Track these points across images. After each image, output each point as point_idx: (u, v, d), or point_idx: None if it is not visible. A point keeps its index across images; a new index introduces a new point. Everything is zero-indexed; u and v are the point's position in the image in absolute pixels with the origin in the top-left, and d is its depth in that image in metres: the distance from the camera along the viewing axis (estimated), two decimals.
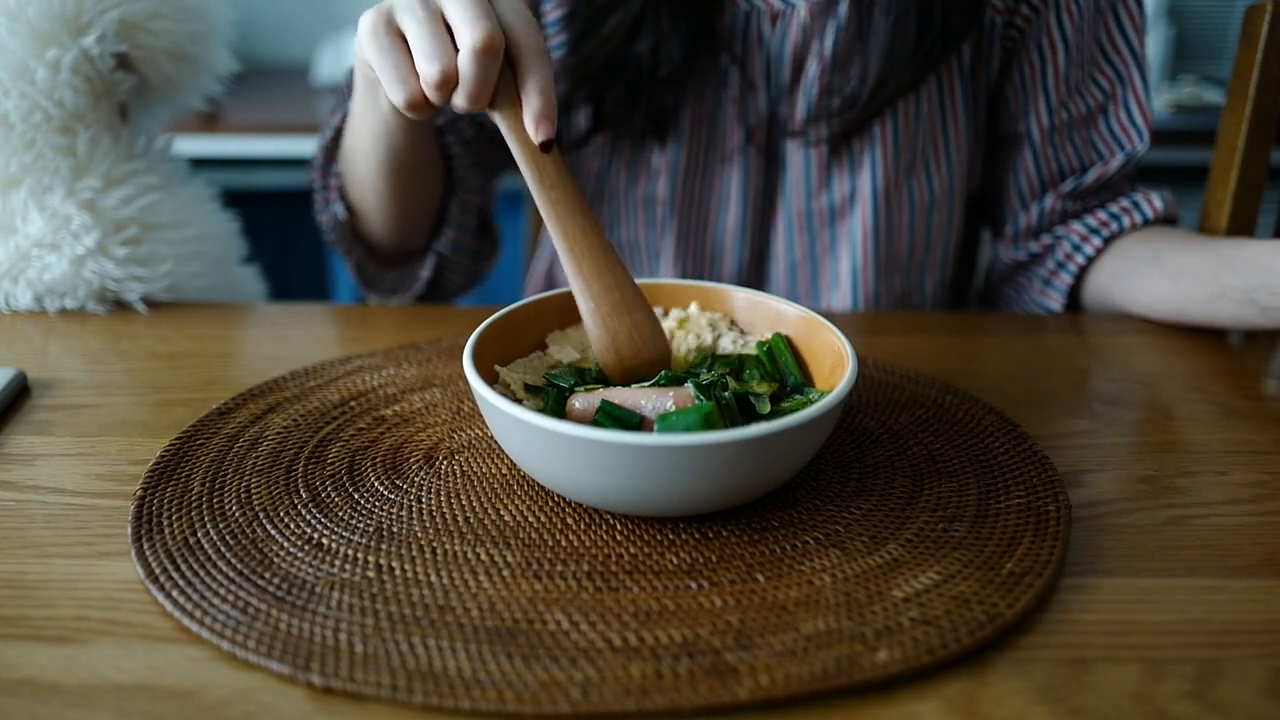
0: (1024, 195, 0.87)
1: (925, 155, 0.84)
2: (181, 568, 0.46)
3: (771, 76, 0.83)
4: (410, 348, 0.69)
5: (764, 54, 0.83)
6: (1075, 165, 0.84)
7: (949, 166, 0.85)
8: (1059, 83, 0.82)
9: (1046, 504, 0.51)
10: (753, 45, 0.83)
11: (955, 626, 0.42)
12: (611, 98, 0.83)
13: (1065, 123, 0.83)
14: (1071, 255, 0.84)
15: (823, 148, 0.84)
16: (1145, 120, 0.83)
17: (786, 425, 0.44)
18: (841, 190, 0.85)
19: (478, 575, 0.46)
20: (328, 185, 0.85)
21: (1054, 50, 0.81)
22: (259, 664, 0.40)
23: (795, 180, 0.86)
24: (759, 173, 0.86)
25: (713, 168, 0.87)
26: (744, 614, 0.43)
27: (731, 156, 0.86)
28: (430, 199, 0.83)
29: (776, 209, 0.88)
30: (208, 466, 0.54)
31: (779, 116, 0.84)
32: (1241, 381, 0.67)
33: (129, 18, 0.74)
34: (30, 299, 0.76)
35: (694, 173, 0.87)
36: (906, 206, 0.85)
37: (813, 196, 0.86)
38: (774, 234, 0.89)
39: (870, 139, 0.83)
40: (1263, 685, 0.40)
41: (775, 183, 0.87)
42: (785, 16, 0.81)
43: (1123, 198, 0.85)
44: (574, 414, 0.51)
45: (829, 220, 0.86)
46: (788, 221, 0.87)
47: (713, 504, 0.48)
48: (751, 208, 0.87)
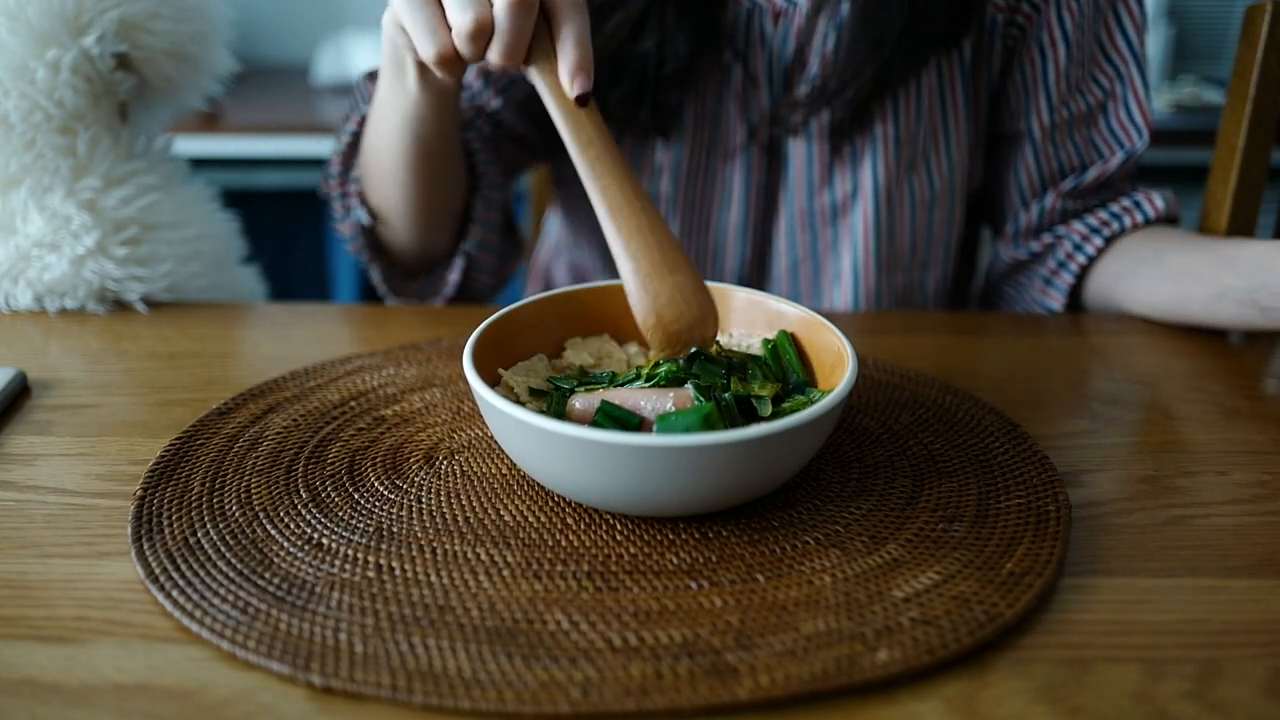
0: (1024, 193, 0.87)
1: (926, 152, 0.84)
2: (181, 568, 0.46)
3: (774, 73, 0.84)
4: (410, 348, 0.69)
5: (766, 51, 0.83)
6: (1075, 163, 0.84)
7: (950, 163, 0.85)
8: (1059, 80, 0.82)
9: (1046, 504, 0.51)
10: (755, 42, 0.83)
11: (955, 626, 0.42)
12: (616, 95, 0.83)
13: (1065, 121, 0.83)
14: (1073, 255, 0.84)
15: (824, 145, 0.84)
16: (1145, 119, 0.83)
17: (786, 426, 0.44)
18: (843, 187, 0.85)
19: (478, 575, 0.46)
20: (346, 192, 0.84)
21: (1055, 48, 0.81)
22: (259, 664, 0.40)
23: (797, 177, 0.86)
24: (761, 169, 0.87)
25: (715, 165, 0.87)
26: (744, 614, 0.43)
27: (734, 154, 0.86)
28: (455, 197, 0.82)
29: (778, 206, 0.88)
30: (208, 466, 0.54)
31: (781, 114, 0.84)
32: (1241, 381, 0.67)
33: (129, 18, 0.74)
34: (30, 299, 0.76)
35: (696, 171, 0.87)
36: (908, 203, 0.85)
37: (815, 194, 0.86)
38: (776, 231, 0.89)
39: (871, 136, 0.83)
40: (1263, 685, 0.40)
41: (777, 180, 0.87)
42: (787, 15, 0.82)
43: (1124, 197, 0.85)
44: (574, 414, 0.51)
45: (831, 217, 0.87)
46: (790, 219, 0.87)
47: (713, 504, 0.47)
48: (754, 205, 0.88)
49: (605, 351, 0.59)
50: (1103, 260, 0.83)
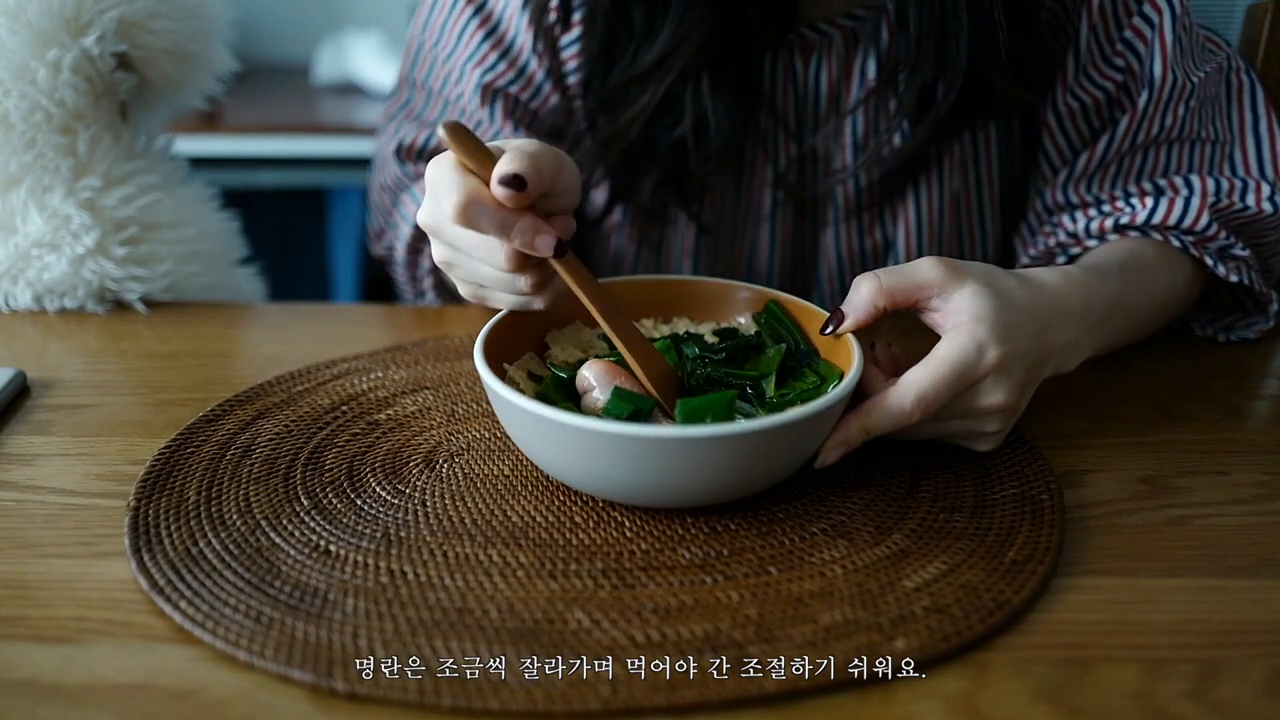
0: (1041, 193, 0.79)
1: (958, 200, 0.78)
2: (186, 578, 0.45)
3: (805, 114, 0.76)
4: (396, 349, 0.69)
5: (795, 90, 0.76)
6: (1087, 136, 0.75)
7: (989, 181, 0.79)
8: (1076, 69, 0.73)
9: (1040, 493, 0.52)
10: (782, 81, 0.75)
11: (967, 614, 0.43)
12: (650, 185, 0.75)
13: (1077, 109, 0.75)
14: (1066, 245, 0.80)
15: (855, 200, 0.78)
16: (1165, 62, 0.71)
17: (811, 411, 0.46)
18: (885, 230, 0.80)
19: (492, 577, 0.46)
20: (416, 277, 0.83)
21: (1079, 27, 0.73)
22: (279, 673, 0.40)
23: (833, 226, 0.80)
24: (789, 217, 0.80)
25: (739, 229, 0.81)
26: (761, 607, 0.44)
27: (761, 221, 0.80)
28: None
29: (817, 250, 0.82)
30: (202, 475, 0.53)
31: (812, 156, 0.78)
32: (1241, 381, 0.67)
33: (129, 17, 0.74)
34: (30, 299, 0.76)
35: (723, 232, 0.81)
36: (954, 235, 0.80)
37: (864, 233, 0.80)
38: (813, 281, 0.83)
39: (907, 187, 0.77)
40: (1263, 685, 0.40)
41: (807, 226, 0.81)
42: (819, 47, 0.74)
43: (1121, 199, 0.80)
44: (583, 383, 0.53)
45: (875, 256, 0.81)
46: (835, 254, 0.82)
47: (734, 492, 0.49)
48: (783, 250, 0.82)
49: (586, 341, 0.60)
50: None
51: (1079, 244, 0.72)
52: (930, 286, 0.52)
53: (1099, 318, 0.59)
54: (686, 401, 0.50)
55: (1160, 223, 0.68)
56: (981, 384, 0.52)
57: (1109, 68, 0.72)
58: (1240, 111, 0.73)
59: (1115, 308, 0.61)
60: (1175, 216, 0.68)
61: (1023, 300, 0.53)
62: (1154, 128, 0.71)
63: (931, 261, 0.52)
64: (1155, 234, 0.68)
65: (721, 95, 0.71)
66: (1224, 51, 0.74)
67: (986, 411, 0.53)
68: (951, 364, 0.50)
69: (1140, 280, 0.64)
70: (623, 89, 0.71)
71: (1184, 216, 0.68)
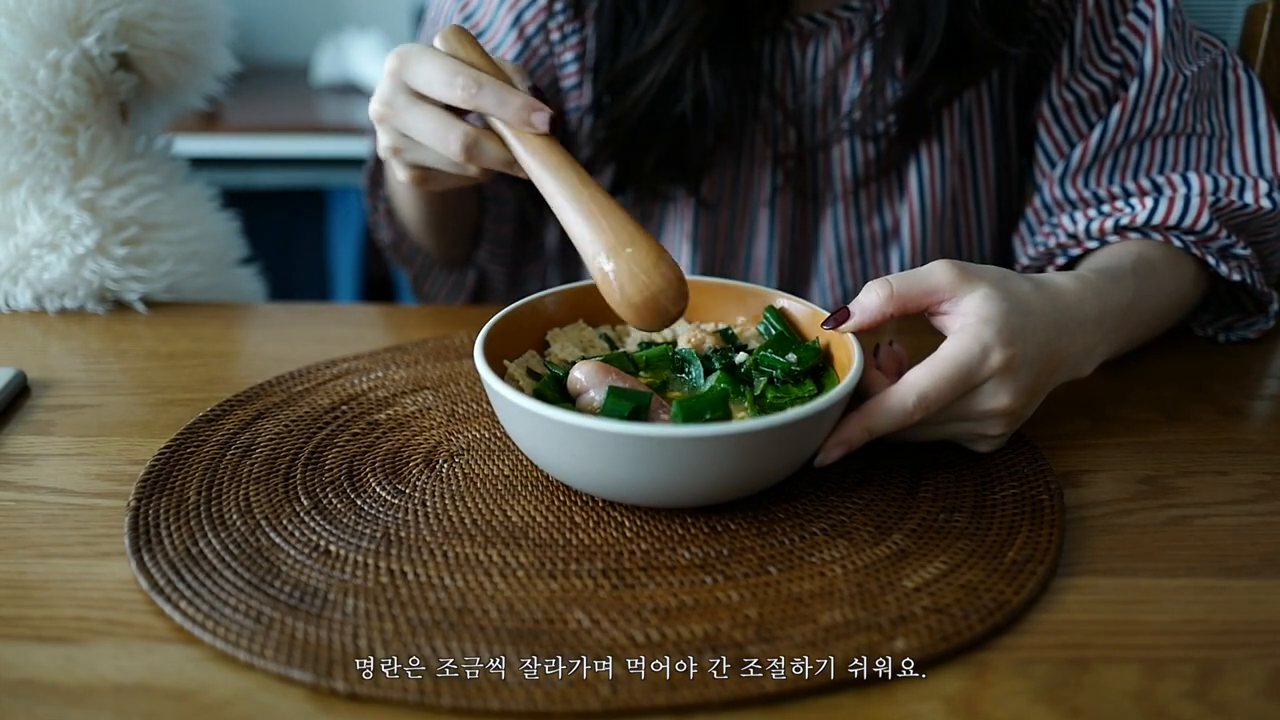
0: (1041, 189, 0.80)
1: (955, 189, 0.80)
2: (186, 578, 0.45)
3: (802, 100, 0.78)
4: (396, 349, 0.69)
5: (793, 77, 0.78)
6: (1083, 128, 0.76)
7: (987, 173, 0.81)
8: (1071, 64, 0.75)
9: (1040, 493, 0.52)
10: (780, 69, 0.78)
11: (967, 614, 0.43)
12: (652, 161, 0.78)
13: (1072, 102, 0.76)
14: (1065, 245, 0.80)
15: (869, 166, 0.79)
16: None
17: (815, 410, 0.46)
18: (891, 215, 0.81)
19: (492, 577, 0.46)
20: (376, 208, 0.89)
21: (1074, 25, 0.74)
22: (279, 673, 0.40)
23: (831, 212, 0.82)
24: (789, 204, 0.82)
25: (738, 202, 0.82)
26: (761, 607, 0.44)
27: (761, 185, 0.81)
28: (467, 222, 0.88)
29: (817, 238, 0.83)
30: (201, 475, 0.53)
31: (809, 139, 0.79)
32: (1241, 381, 0.67)
33: (129, 17, 0.74)
34: (30, 299, 0.76)
35: (720, 205, 0.83)
36: (951, 226, 0.81)
37: (863, 221, 0.82)
38: (811, 269, 0.84)
39: (918, 159, 0.79)
40: (1263, 685, 0.40)
41: (809, 213, 0.82)
42: (816, 36, 0.77)
43: (1120, 199, 0.80)
44: (576, 385, 0.53)
45: (875, 245, 0.83)
46: (835, 246, 0.83)
47: (734, 492, 0.49)
48: (781, 238, 0.83)
49: (587, 340, 0.60)
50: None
51: (1079, 245, 0.72)
52: (941, 291, 0.52)
53: (1115, 323, 0.59)
54: (685, 400, 0.50)
55: (1161, 223, 0.68)
56: (985, 386, 0.51)
57: (1105, 63, 0.73)
58: (1238, 108, 0.73)
59: (1130, 312, 0.61)
60: (1175, 216, 0.68)
61: (1037, 305, 0.53)
62: (1147, 119, 0.71)
63: (944, 265, 0.52)
64: (1156, 235, 0.68)
65: (719, 73, 0.74)
66: (1219, 49, 0.74)
67: (989, 414, 0.52)
68: (954, 364, 0.50)
69: (1151, 283, 0.64)
70: (629, 70, 0.75)
71: (1184, 216, 0.68)
